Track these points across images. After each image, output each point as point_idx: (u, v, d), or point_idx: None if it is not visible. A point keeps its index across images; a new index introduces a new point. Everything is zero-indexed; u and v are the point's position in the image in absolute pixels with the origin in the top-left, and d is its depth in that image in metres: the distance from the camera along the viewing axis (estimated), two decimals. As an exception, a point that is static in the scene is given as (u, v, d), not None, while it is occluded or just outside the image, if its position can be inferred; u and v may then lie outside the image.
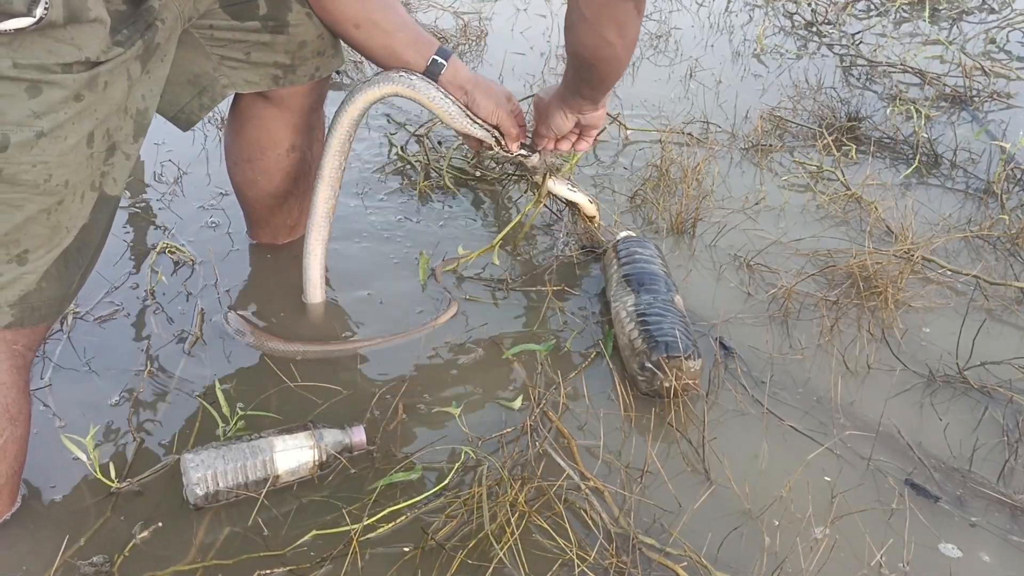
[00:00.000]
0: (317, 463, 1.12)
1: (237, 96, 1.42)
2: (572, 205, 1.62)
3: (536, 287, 1.55)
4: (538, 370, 1.35)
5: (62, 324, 1.40)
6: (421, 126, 2.10)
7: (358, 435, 1.16)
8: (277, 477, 1.10)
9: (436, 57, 1.30)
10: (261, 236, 1.63)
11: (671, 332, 1.28)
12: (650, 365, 1.26)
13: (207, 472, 1.06)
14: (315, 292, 1.47)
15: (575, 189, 1.57)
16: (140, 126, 1.08)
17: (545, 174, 1.52)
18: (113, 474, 1.10)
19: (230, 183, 1.56)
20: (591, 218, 1.64)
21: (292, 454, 1.11)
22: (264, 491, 1.09)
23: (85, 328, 1.41)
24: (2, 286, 0.98)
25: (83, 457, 1.09)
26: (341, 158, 1.37)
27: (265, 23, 1.28)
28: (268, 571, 1.01)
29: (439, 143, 2.07)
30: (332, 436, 1.14)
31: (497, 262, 1.58)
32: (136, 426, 1.22)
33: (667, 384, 1.26)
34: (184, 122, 1.35)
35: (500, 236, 1.61)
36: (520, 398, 1.28)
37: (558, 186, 1.55)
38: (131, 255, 1.60)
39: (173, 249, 1.58)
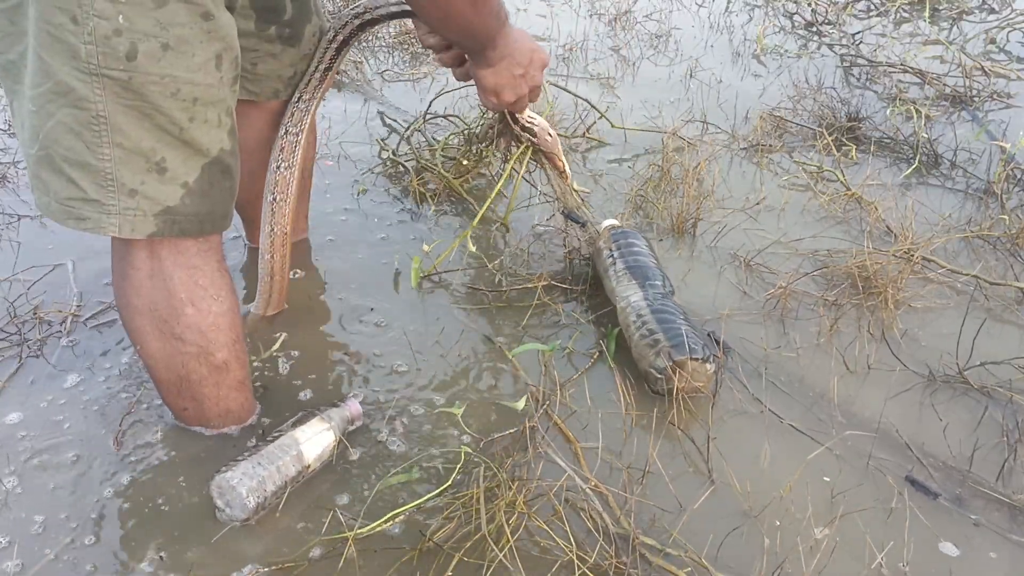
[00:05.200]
0: (336, 442, 1.16)
1: None
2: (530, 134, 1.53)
3: (527, 285, 1.55)
4: (542, 371, 1.35)
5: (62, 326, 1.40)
6: (411, 124, 2.10)
7: (353, 406, 1.21)
8: (308, 467, 1.12)
9: None
10: (257, 239, 1.63)
11: (691, 333, 1.28)
12: (671, 364, 1.25)
13: (253, 482, 1.06)
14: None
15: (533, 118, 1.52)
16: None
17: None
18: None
19: None
20: (556, 161, 1.57)
21: (315, 440, 1.13)
22: (298, 485, 1.12)
23: (84, 332, 1.42)
24: (146, 195, 1.01)
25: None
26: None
27: (282, 31, 1.30)
28: (266, 569, 1.01)
29: (433, 137, 2.07)
30: (337, 414, 1.18)
31: (473, 248, 1.56)
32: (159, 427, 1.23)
33: (682, 385, 1.26)
34: None
35: (483, 208, 1.60)
36: (524, 399, 1.28)
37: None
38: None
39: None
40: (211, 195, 1.06)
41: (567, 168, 1.58)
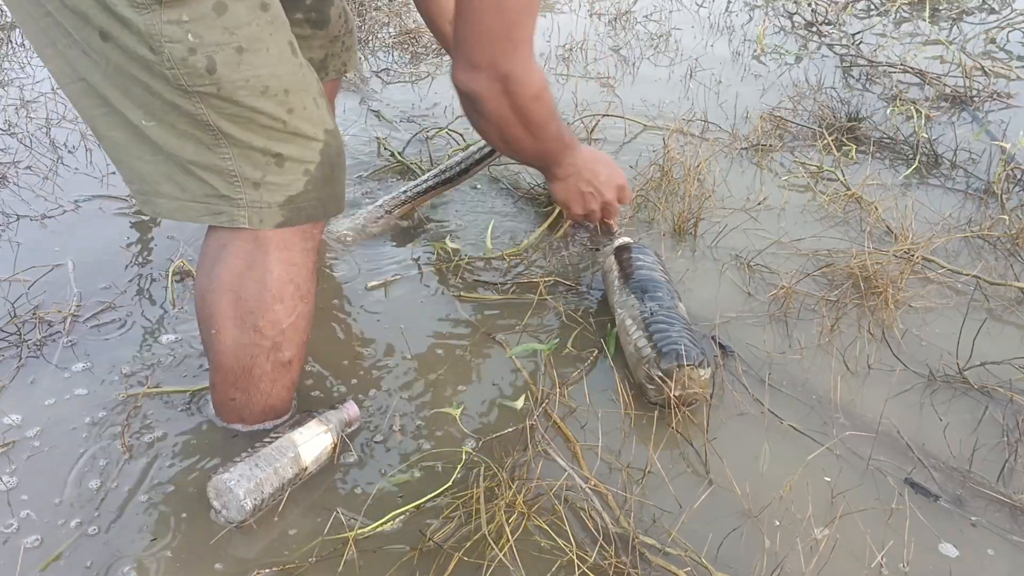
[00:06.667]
0: (333, 445, 1.16)
1: None
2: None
3: (531, 281, 1.55)
4: (541, 370, 1.35)
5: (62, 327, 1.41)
6: (423, 129, 2.10)
7: (351, 408, 1.21)
8: (305, 469, 1.12)
9: None
10: None
11: (679, 340, 1.26)
12: (659, 374, 1.24)
13: (250, 484, 1.06)
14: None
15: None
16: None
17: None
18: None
19: None
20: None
21: (313, 443, 1.13)
22: (293, 488, 1.11)
23: (84, 332, 1.42)
24: (269, 188, 1.04)
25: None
26: None
27: (308, 15, 1.32)
28: (266, 570, 1.01)
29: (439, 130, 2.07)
30: (335, 416, 1.18)
31: (491, 245, 1.57)
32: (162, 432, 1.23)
33: (676, 393, 1.25)
34: None
35: (533, 238, 1.62)
36: (523, 398, 1.28)
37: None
38: (136, 262, 1.61)
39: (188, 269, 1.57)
40: (332, 178, 1.09)
41: (618, 227, 1.63)
